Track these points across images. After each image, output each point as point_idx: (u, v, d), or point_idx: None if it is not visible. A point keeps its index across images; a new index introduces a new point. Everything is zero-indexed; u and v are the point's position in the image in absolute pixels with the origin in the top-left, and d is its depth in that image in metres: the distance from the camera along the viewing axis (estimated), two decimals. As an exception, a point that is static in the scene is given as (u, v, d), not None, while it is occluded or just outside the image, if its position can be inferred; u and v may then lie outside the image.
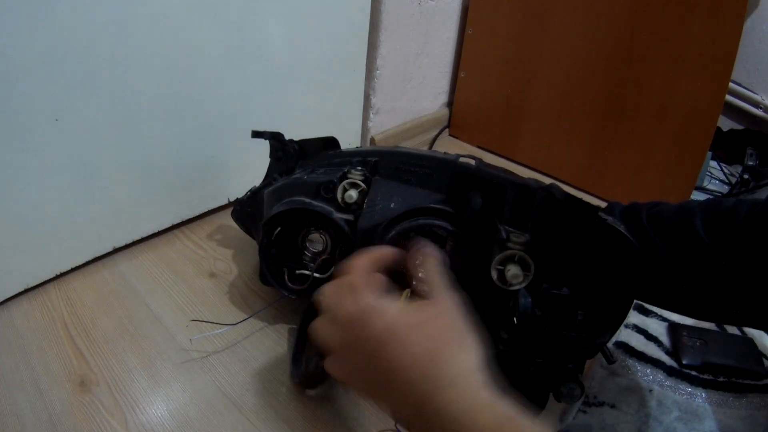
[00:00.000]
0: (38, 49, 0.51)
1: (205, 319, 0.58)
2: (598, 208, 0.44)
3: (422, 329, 0.33)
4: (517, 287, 0.42)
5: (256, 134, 0.60)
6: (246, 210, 0.64)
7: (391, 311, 0.34)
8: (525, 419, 0.29)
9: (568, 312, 0.43)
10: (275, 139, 0.60)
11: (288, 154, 0.61)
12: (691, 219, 0.43)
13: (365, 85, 0.92)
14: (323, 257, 0.56)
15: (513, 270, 0.41)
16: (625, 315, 0.45)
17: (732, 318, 0.50)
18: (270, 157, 0.62)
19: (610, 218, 0.42)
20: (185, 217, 0.75)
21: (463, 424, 0.29)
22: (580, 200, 0.44)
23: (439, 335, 0.33)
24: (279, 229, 0.55)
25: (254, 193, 0.62)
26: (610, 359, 0.55)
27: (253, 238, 0.66)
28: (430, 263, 0.38)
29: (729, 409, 0.55)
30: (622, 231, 0.42)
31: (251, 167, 0.77)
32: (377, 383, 0.34)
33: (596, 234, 0.42)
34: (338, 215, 0.52)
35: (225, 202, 0.79)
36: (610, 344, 0.60)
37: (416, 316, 0.34)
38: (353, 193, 0.51)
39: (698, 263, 0.42)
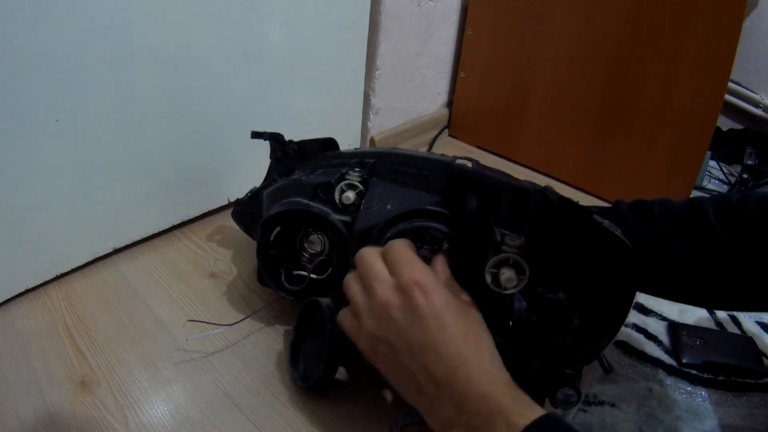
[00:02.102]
0: (38, 49, 0.51)
1: (205, 320, 0.58)
2: (593, 211, 0.44)
3: (467, 313, 0.41)
4: (511, 291, 0.41)
5: (256, 135, 0.60)
6: (246, 210, 0.64)
7: (448, 291, 0.41)
8: (532, 401, 0.36)
9: (563, 317, 0.42)
10: (275, 139, 0.60)
11: (287, 155, 0.61)
12: (704, 212, 0.44)
13: (365, 85, 0.92)
14: (320, 259, 0.56)
15: (507, 274, 0.41)
16: (622, 321, 0.44)
17: (746, 305, 0.50)
18: (270, 157, 0.62)
19: (606, 222, 0.42)
20: (185, 217, 0.75)
21: (488, 389, 0.36)
22: (574, 203, 0.43)
23: (475, 321, 0.41)
24: (278, 229, 0.55)
25: (254, 194, 0.63)
26: (607, 368, 0.54)
27: (254, 238, 0.66)
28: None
29: (729, 408, 0.55)
30: (618, 235, 0.41)
31: (251, 167, 0.76)
32: (414, 345, 0.39)
33: (592, 238, 0.42)
34: (336, 217, 0.52)
35: (225, 202, 0.79)
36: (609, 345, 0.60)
37: (460, 301, 0.42)
38: (350, 195, 0.51)
39: (714, 254, 0.43)
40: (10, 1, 0.47)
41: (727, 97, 1.13)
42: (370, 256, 0.44)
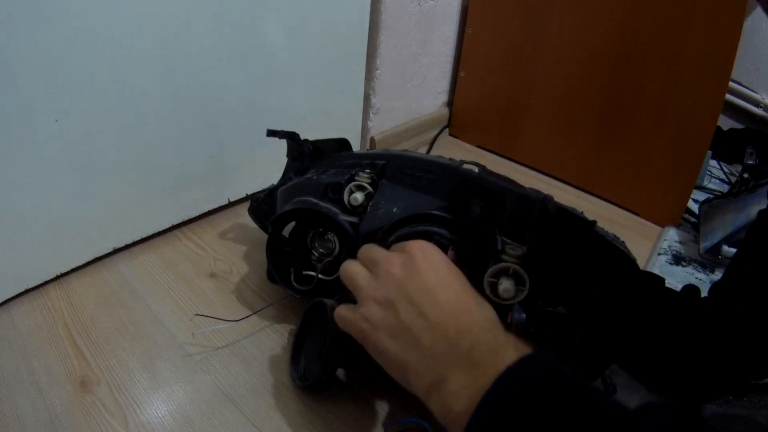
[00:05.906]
0: (38, 49, 0.51)
1: (206, 320, 0.58)
2: (593, 223, 0.43)
3: (466, 280, 0.40)
4: (510, 302, 0.40)
5: (271, 133, 0.59)
6: (262, 207, 0.64)
7: (448, 259, 0.41)
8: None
9: (564, 331, 0.41)
10: (290, 138, 0.60)
11: (303, 154, 0.61)
12: None
13: (365, 85, 0.92)
14: (328, 259, 0.56)
15: (504, 284, 0.40)
16: (626, 338, 0.43)
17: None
18: (287, 156, 0.62)
19: (609, 234, 0.41)
20: (185, 217, 0.75)
21: (499, 339, 0.35)
22: (574, 215, 0.42)
23: (473, 290, 0.40)
24: (294, 226, 0.55)
25: (271, 191, 0.63)
26: (610, 389, 0.52)
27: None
28: None
29: (729, 408, 0.55)
30: (621, 248, 0.40)
31: (251, 167, 0.76)
32: (412, 294, 0.38)
33: (594, 250, 0.41)
34: (344, 217, 0.52)
35: (225, 202, 0.79)
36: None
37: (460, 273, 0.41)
38: (359, 196, 0.51)
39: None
40: (10, 1, 0.47)
41: (728, 96, 1.13)
42: (372, 246, 0.45)
